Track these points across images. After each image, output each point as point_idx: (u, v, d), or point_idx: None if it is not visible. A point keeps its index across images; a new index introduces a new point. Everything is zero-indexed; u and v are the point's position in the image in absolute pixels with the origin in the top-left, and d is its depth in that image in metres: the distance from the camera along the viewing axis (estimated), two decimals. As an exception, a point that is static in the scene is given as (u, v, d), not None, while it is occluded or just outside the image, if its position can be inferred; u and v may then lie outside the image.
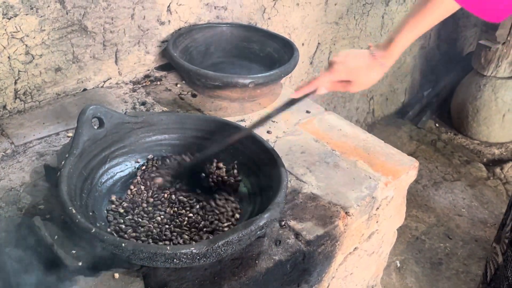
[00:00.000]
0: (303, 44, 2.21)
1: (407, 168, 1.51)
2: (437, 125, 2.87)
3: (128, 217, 1.26)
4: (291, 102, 1.32)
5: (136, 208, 1.29)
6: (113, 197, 1.31)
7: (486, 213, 2.38)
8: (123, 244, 1.04)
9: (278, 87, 1.76)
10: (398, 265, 2.12)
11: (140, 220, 1.25)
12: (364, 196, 1.39)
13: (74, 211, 1.07)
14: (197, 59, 1.70)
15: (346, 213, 1.34)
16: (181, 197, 1.34)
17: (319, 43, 2.34)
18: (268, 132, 1.56)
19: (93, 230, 1.05)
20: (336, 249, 1.37)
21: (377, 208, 1.44)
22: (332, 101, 2.33)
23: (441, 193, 2.48)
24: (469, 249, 2.21)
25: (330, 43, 2.39)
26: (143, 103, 1.68)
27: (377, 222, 1.48)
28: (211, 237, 1.19)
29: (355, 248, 1.47)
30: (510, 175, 2.55)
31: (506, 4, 1.05)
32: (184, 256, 1.06)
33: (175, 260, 1.06)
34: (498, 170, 2.59)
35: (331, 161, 1.50)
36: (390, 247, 1.67)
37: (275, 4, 2.06)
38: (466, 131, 2.75)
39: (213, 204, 1.31)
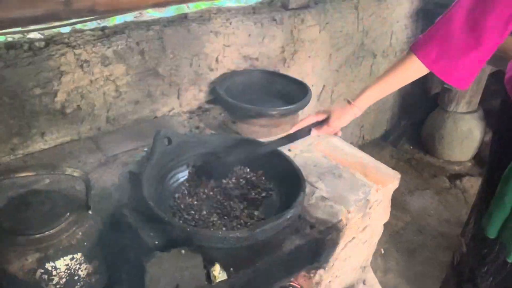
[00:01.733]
0: (312, 85, 2.22)
1: (392, 179, 1.51)
2: (411, 147, 2.85)
3: (187, 209, 1.26)
4: (283, 140, 1.33)
5: (192, 202, 1.29)
6: (177, 195, 1.32)
7: (449, 214, 2.36)
8: (187, 229, 1.09)
9: (296, 117, 1.76)
10: (383, 252, 2.11)
11: (195, 211, 1.25)
12: (360, 199, 1.39)
13: (152, 204, 1.11)
14: (236, 96, 1.70)
15: (347, 211, 1.34)
16: (221, 195, 1.33)
17: (324, 85, 2.36)
18: (289, 150, 1.55)
19: (166, 219, 1.09)
20: (339, 238, 1.37)
21: (370, 208, 1.44)
22: None
23: (414, 198, 2.47)
24: (437, 241, 2.19)
25: (332, 85, 2.41)
26: (197, 127, 1.70)
27: (369, 218, 1.48)
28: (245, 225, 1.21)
29: (353, 237, 1.47)
30: (467, 186, 2.53)
31: (469, 71, 1.03)
32: (232, 239, 1.09)
33: (224, 241, 1.10)
34: (458, 182, 2.57)
35: (336, 172, 1.50)
36: (378, 238, 1.66)
37: (293, 57, 2.09)
38: (433, 152, 2.73)
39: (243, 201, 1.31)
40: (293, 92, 1.77)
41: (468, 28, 0.98)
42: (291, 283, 1.50)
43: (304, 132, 1.30)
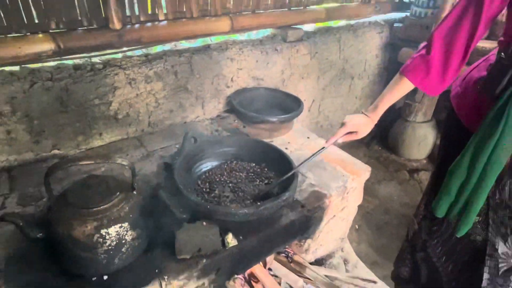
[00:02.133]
0: (304, 100, 2.20)
1: (364, 171, 1.49)
2: (380, 148, 2.81)
3: (208, 191, 1.26)
4: (322, 148, 1.25)
5: (213, 188, 1.29)
6: (200, 181, 1.32)
7: (408, 199, 2.33)
8: (208, 206, 1.09)
9: (292, 123, 1.76)
10: (357, 227, 2.09)
11: (214, 193, 1.25)
12: (340, 186, 1.38)
13: (181, 187, 1.11)
14: (246, 107, 1.69)
15: (330, 195, 1.33)
16: (234, 181, 1.33)
17: (313, 100, 2.34)
18: (286, 148, 1.55)
19: (192, 198, 1.10)
20: (324, 215, 1.36)
21: (347, 193, 1.43)
22: (320, 132, 2.34)
23: (382, 187, 2.45)
24: (398, 220, 2.16)
25: (320, 100, 2.38)
26: (216, 130, 1.70)
27: (347, 201, 1.47)
28: (254, 204, 1.20)
29: (334, 215, 1.46)
30: (422, 178, 2.49)
31: (444, 85, 1.05)
32: (241, 214, 1.09)
33: (236, 216, 1.10)
34: (415, 175, 2.53)
35: (321, 166, 1.49)
36: (353, 216, 1.65)
37: (289, 78, 2.08)
38: (397, 152, 2.70)
39: (251, 186, 1.31)
40: (290, 105, 1.76)
41: (441, 57, 1.02)
42: (286, 249, 1.51)
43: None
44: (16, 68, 1.28)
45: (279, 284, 1.38)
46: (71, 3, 1.29)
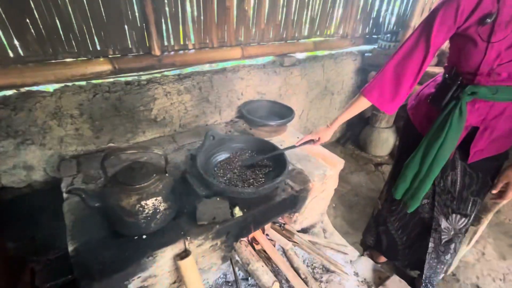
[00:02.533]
0: (296, 109, 2.20)
1: (339, 163, 1.47)
2: (353, 147, 2.78)
3: (222, 176, 1.26)
4: (293, 146, 1.28)
5: (225, 173, 1.28)
6: (216, 168, 1.31)
7: (374, 186, 2.29)
8: (221, 186, 1.08)
9: (286, 127, 1.74)
10: (334, 206, 2.07)
11: (226, 177, 1.24)
12: (321, 173, 1.37)
13: (202, 172, 1.11)
14: (252, 114, 1.68)
15: (313, 180, 1.32)
16: (241, 169, 1.31)
17: (303, 110, 2.31)
18: (281, 145, 1.52)
19: (209, 180, 1.08)
20: (308, 196, 1.35)
21: (326, 179, 1.41)
22: (307, 133, 2.31)
23: (353, 176, 2.41)
24: (366, 201, 2.13)
25: (308, 110, 2.35)
26: (230, 131, 1.69)
27: (326, 185, 1.45)
28: (255, 186, 1.19)
29: (316, 196, 1.44)
30: (385, 170, 2.46)
31: (395, 105, 1.01)
32: (246, 193, 1.09)
33: (241, 194, 1.09)
34: (379, 167, 2.49)
35: (308, 158, 1.47)
36: (331, 197, 1.61)
37: (285, 93, 2.06)
38: (366, 150, 2.65)
39: (254, 172, 1.29)
40: (285, 113, 1.75)
41: (393, 81, 0.98)
42: (280, 220, 1.50)
43: (307, 143, 1.26)
44: (83, 83, 1.29)
45: (274, 246, 1.39)
46: (124, 35, 1.30)
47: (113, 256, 0.88)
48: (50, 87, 1.21)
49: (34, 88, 1.17)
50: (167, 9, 1.37)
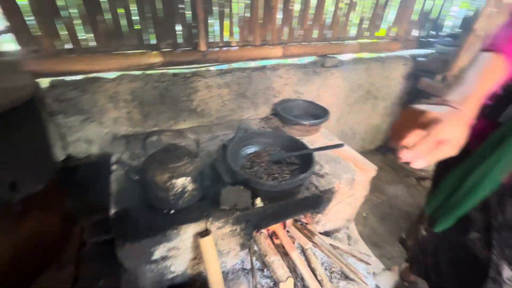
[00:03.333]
0: (334, 112, 2.13)
1: (371, 169, 1.42)
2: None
3: (248, 167, 1.28)
4: (326, 147, 1.19)
5: (253, 165, 1.31)
6: (244, 160, 1.33)
7: (412, 201, 2.12)
8: (246, 177, 1.10)
9: (319, 128, 1.72)
10: (364, 215, 1.98)
11: (253, 170, 1.26)
12: (349, 177, 1.34)
13: (230, 161, 1.15)
14: (286, 112, 1.68)
15: (339, 182, 1.30)
16: (269, 163, 1.32)
17: (342, 112, 2.24)
18: (311, 145, 1.48)
19: (236, 169, 1.12)
20: (332, 198, 1.33)
21: (355, 184, 1.37)
22: (343, 138, 2.23)
23: (390, 188, 2.26)
24: (400, 215, 1.99)
25: (347, 113, 2.27)
26: (263, 127, 1.72)
27: (354, 190, 1.41)
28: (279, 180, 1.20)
29: (342, 200, 1.41)
30: (426, 186, 2.26)
31: None
32: (268, 185, 1.10)
33: (264, 186, 1.10)
34: (422, 182, 2.32)
35: (337, 160, 1.45)
36: (360, 204, 1.56)
37: (324, 94, 2.02)
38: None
39: (280, 168, 1.29)
40: (319, 113, 1.72)
41: None
42: (302, 219, 1.50)
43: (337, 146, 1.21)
44: (138, 72, 1.43)
45: (293, 243, 1.40)
46: (175, 32, 1.43)
47: (145, 223, 1.00)
48: (112, 75, 1.40)
49: (99, 74, 1.37)
50: (216, 8, 1.46)
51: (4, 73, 0.77)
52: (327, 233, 1.56)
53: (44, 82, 1.27)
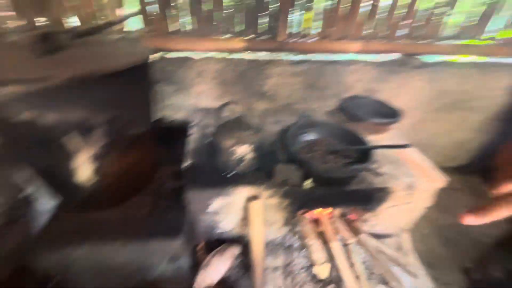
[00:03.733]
0: (408, 116, 1.97)
1: (439, 180, 1.30)
2: (479, 180, 2.24)
3: (305, 152, 1.31)
4: (385, 146, 1.18)
5: (309, 150, 1.33)
6: (302, 144, 1.36)
7: (489, 231, 1.80)
8: (301, 158, 1.17)
9: (385, 129, 1.63)
10: (425, 232, 1.78)
11: (309, 154, 1.29)
12: (409, 182, 1.27)
13: (287, 142, 1.23)
14: (353, 108, 1.62)
15: (396, 185, 1.25)
16: (325, 152, 1.33)
17: (420, 118, 2.03)
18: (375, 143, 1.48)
19: (291, 149, 1.20)
20: (387, 198, 1.29)
21: (414, 191, 1.29)
22: (417, 145, 1.92)
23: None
24: (469, 242, 1.72)
25: (427, 121, 2.03)
26: (326, 118, 1.72)
27: (413, 197, 1.32)
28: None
29: (396, 205, 1.34)
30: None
31: None
32: (318, 169, 1.14)
33: (316, 169, 1.15)
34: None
35: (399, 162, 1.38)
36: (418, 215, 1.44)
37: (399, 95, 1.88)
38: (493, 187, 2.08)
39: (336, 158, 1.30)
40: (389, 114, 1.62)
41: None
42: (350, 214, 1.48)
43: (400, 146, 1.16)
44: (221, 56, 1.62)
45: (336, 235, 1.41)
46: (256, 24, 1.58)
47: (209, 177, 1.20)
48: (201, 55, 1.64)
49: (191, 54, 1.63)
50: (299, 1, 1.56)
51: (131, 42, 1.06)
52: (374, 236, 1.51)
53: (154, 56, 1.60)
